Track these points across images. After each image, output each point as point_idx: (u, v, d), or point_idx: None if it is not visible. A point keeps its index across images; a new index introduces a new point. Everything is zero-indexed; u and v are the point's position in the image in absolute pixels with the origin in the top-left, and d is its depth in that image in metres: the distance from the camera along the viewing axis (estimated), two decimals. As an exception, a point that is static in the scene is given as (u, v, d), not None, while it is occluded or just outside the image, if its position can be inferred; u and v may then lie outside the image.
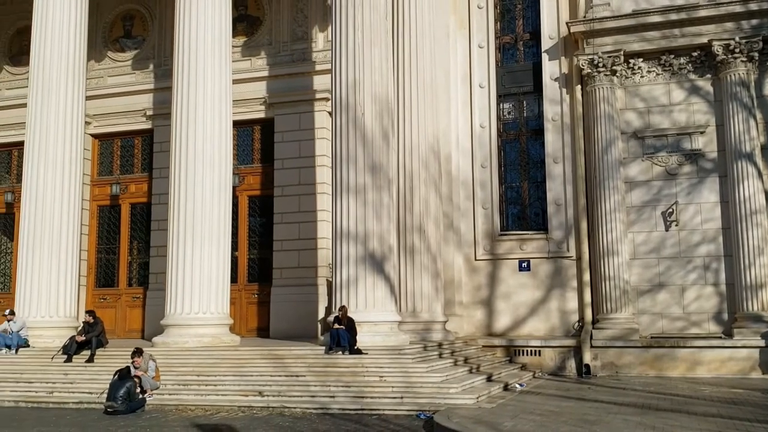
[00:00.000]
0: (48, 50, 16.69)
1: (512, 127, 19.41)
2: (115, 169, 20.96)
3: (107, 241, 20.78)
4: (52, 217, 16.26)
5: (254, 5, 20.06)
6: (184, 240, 15.31)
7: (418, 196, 16.77)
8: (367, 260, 14.38)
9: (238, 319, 17.73)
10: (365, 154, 14.68)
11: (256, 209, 19.61)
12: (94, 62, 20.42)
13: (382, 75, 15.11)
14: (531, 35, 19.50)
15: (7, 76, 21.82)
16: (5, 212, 21.41)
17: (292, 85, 19.17)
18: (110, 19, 21.12)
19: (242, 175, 19.38)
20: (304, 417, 11.59)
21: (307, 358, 13.96)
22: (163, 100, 19.11)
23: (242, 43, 19.71)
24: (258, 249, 19.41)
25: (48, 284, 16.06)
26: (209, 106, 15.70)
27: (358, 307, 14.23)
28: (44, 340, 15.75)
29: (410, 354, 13.82)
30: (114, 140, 20.95)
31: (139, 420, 11.53)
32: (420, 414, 11.38)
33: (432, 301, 16.69)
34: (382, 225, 14.65)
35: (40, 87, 16.61)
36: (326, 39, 18.96)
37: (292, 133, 19.02)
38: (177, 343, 14.88)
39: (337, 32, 15.22)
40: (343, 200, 14.67)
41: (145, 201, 20.29)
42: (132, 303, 19.98)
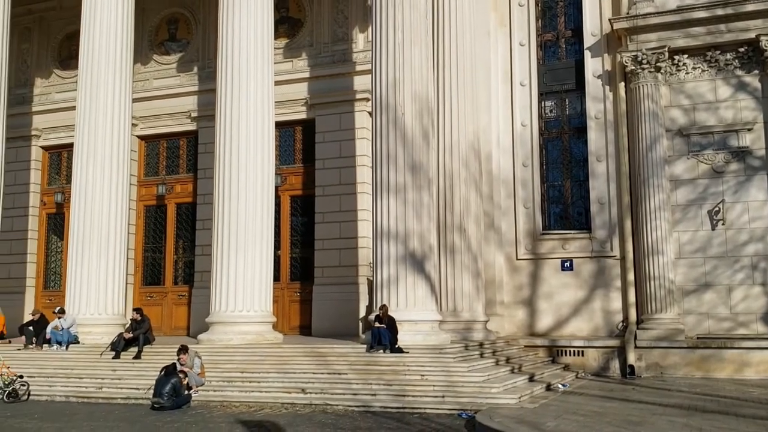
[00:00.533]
0: (96, 54, 17.11)
1: (554, 125, 19.26)
2: (161, 169, 21.40)
3: (153, 240, 21.24)
4: (100, 216, 16.68)
5: (295, 7, 20.27)
6: (228, 239, 15.56)
7: (458, 195, 16.76)
8: (407, 259, 14.43)
9: (280, 317, 17.93)
10: (405, 153, 14.73)
11: (298, 209, 19.83)
12: (140, 65, 20.87)
13: (422, 74, 15.15)
14: (573, 32, 19.32)
15: (57, 80, 22.44)
16: (56, 212, 22.03)
17: (333, 85, 19.33)
18: (155, 22, 21.57)
19: (284, 176, 19.60)
20: (347, 414, 11.69)
21: (349, 356, 14.08)
22: (207, 102, 19.43)
23: (284, 45, 19.94)
24: (300, 248, 19.63)
25: (97, 282, 16.48)
26: (252, 108, 15.92)
27: (399, 306, 14.29)
28: (93, 337, 16.17)
29: (451, 353, 13.83)
30: (160, 141, 21.40)
31: (184, 416, 11.76)
32: (461, 413, 11.38)
33: (473, 300, 16.66)
34: (422, 224, 14.68)
35: (89, 90, 17.04)
36: (366, 39, 19.07)
37: (332, 134, 19.17)
38: (221, 340, 15.14)
39: (377, 32, 15.30)
40: (384, 200, 14.74)
41: (190, 201, 20.68)
42: (178, 301, 20.40)
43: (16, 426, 10.97)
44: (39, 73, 22.66)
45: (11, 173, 20.57)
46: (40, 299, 21.57)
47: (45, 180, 22.42)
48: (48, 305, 19.92)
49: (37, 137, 22.10)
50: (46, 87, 22.53)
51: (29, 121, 22.07)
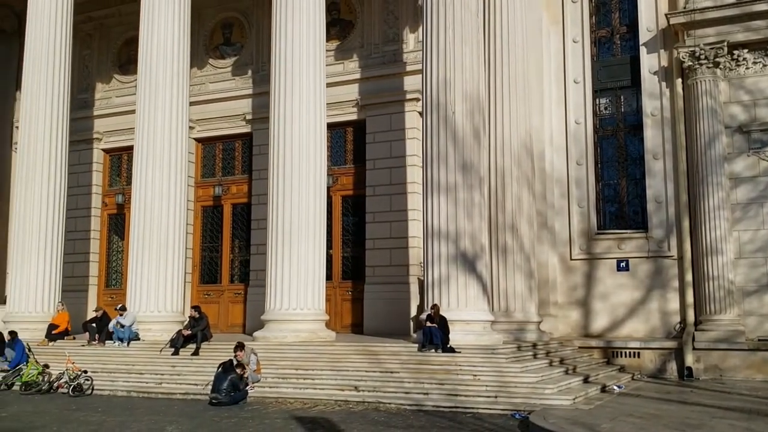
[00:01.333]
0: (154, 59, 17.59)
1: (609, 123, 18.97)
2: (217, 171, 21.87)
3: (210, 239, 21.72)
4: (159, 217, 17.16)
5: (346, 9, 20.46)
6: (282, 239, 15.82)
7: (510, 194, 16.67)
8: (458, 259, 14.42)
9: (333, 316, 18.14)
10: (456, 152, 14.73)
11: (349, 208, 20.01)
12: (197, 69, 21.36)
13: (473, 73, 15.11)
14: (628, 28, 18.99)
15: (117, 85, 23.14)
16: (116, 213, 22.72)
17: (383, 86, 19.44)
18: (210, 27, 22.04)
19: (336, 176, 19.80)
20: (399, 413, 11.77)
21: (401, 355, 14.16)
22: (261, 105, 19.78)
23: (335, 47, 20.14)
24: (351, 247, 19.81)
25: (156, 281, 16.96)
26: (305, 110, 16.15)
27: (450, 305, 14.29)
28: (153, 334, 16.65)
29: (504, 353, 13.78)
30: (216, 144, 21.87)
31: (241, 411, 12.01)
32: (515, 414, 11.34)
33: (525, 300, 16.55)
34: (473, 224, 14.65)
35: (147, 94, 17.53)
36: (417, 39, 19.12)
37: (383, 134, 19.29)
38: (276, 337, 15.41)
39: (428, 31, 15.33)
40: (434, 199, 14.77)
41: (246, 201, 21.07)
42: (234, 299, 20.82)
43: (81, 419, 11.38)
44: (100, 78, 23.41)
45: (74, 175, 21.28)
46: (102, 297, 22.29)
47: (106, 182, 23.14)
48: (109, 303, 20.60)
49: (98, 140, 22.84)
50: (106, 91, 23.25)
51: (91, 124, 22.82)
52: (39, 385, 14.62)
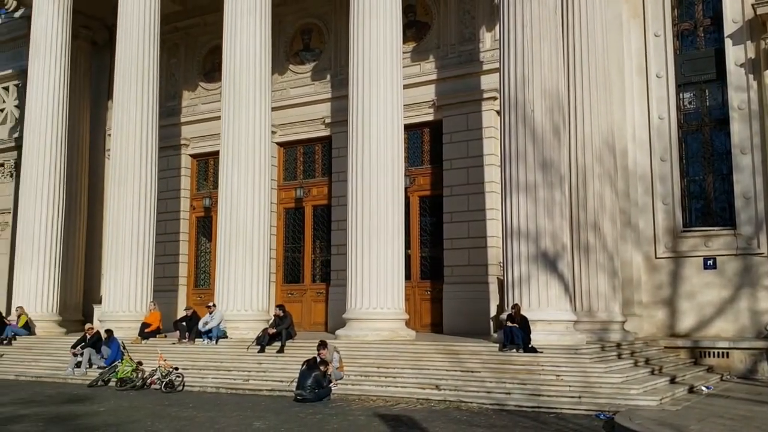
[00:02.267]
0: (237, 66, 18.18)
1: (693, 118, 18.41)
2: (298, 174, 22.41)
3: (293, 240, 22.28)
4: (245, 219, 17.72)
5: (422, 11, 20.60)
6: (361, 239, 16.10)
7: (591, 192, 16.42)
8: (539, 258, 14.33)
9: (412, 315, 18.29)
10: (535, 151, 14.63)
11: (426, 209, 20.14)
12: (278, 75, 21.93)
13: (551, 70, 14.98)
14: (711, 20, 18.37)
15: (202, 92, 24.01)
16: (204, 216, 23.58)
17: (460, 86, 19.48)
18: (291, 34, 22.60)
19: (413, 177, 19.95)
20: (481, 412, 11.80)
21: (482, 354, 14.19)
22: (339, 108, 20.15)
23: (411, 49, 20.30)
24: (429, 247, 19.92)
25: (242, 281, 17.53)
26: (382, 113, 16.38)
27: (531, 305, 14.22)
28: (240, 332, 17.21)
29: (587, 354, 13.61)
30: (297, 147, 22.41)
31: (325, 408, 12.29)
32: (599, 414, 11.21)
33: (609, 300, 16.28)
34: (554, 222, 14.52)
35: (232, 101, 18.14)
36: (493, 38, 19.07)
37: (459, 134, 19.33)
38: (358, 336, 15.70)
39: (505, 30, 15.28)
40: (513, 198, 14.71)
41: (326, 203, 21.52)
42: (316, 298, 21.29)
43: (173, 414, 11.85)
44: (186, 86, 24.34)
45: (164, 180, 22.22)
46: (191, 297, 23.19)
47: (194, 186, 24.05)
48: (198, 303, 21.41)
49: (186, 146, 23.76)
50: (192, 99, 24.16)
51: (179, 131, 23.77)
52: (133, 381, 15.23)
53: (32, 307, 20.66)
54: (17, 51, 26.83)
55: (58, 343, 19.26)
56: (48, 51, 21.50)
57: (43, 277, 20.87)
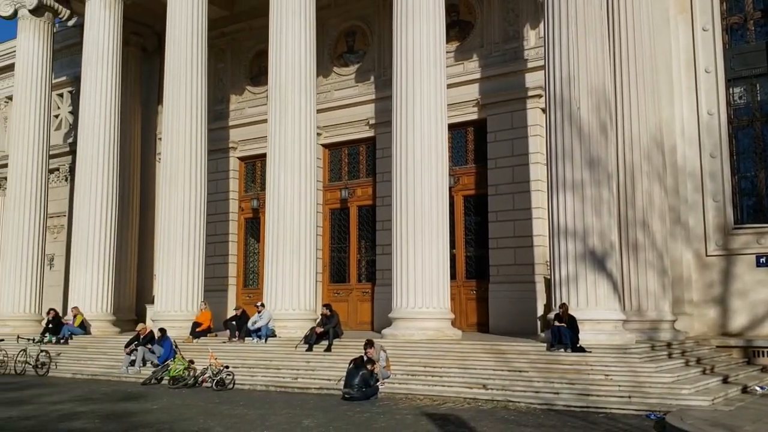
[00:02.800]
0: (283, 70, 18.42)
1: (744, 113, 17.99)
2: (343, 175, 22.62)
3: (338, 240, 22.50)
4: (292, 220, 17.97)
5: (465, 10, 20.58)
6: (406, 239, 16.19)
7: (640, 189, 16.21)
8: (587, 257, 14.21)
9: (458, 314, 18.29)
10: (582, 148, 14.52)
11: (471, 208, 20.11)
12: (322, 78, 22.16)
13: (597, 67, 14.84)
14: (762, 13, 17.91)
15: (249, 96, 24.40)
16: (252, 217, 23.97)
17: (504, 84, 19.41)
18: (335, 36, 22.83)
19: (457, 176, 19.95)
20: (529, 412, 11.78)
21: (529, 354, 14.14)
22: (383, 109, 20.28)
23: (454, 48, 20.30)
24: (474, 247, 19.90)
25: (290, 280, 17.77)
26: (426, 113, 16.43)
27: (579, 304, 14.12)
28: (288, 331, 17.46)
29: (637, 353, 13.47)
30: (342, 148, 22.62)
31: (373, 407, 12.41)
32: (650, 414, 11.09)
33: (658, 299, 16.06)
34: (602, 221, 14.39)
35: (278, 104, 18.40)
36: (538, 36, 18.96)
37: (504, 132, 19.26)
38: (404, 335, 15.79)
39: (550, 27, 15.20)
40: (560, 196, 14.62)
41: (370, 203, 21.68)
42: (362, 297, 21.46)
43: (224, 412, 12.10)
44: (233, 90, 24.76)
45: (213, 182, 22.65)
46: (240, 296, 23.60)
47: (242, 187, 24.47)
48: (247, 302, 21.78)
49: (234, 149, 24.19)
50: (240, 103, 24.57)
51: (227, 134, 24.20)
52: (185, 379, 15.58)
53: (87, 307, 21.27)
54: (71, 58, 27.66)
55: (113, 342, 19.83)
56: (100, 58, 22.12)
57: (98, 277, 21.47)
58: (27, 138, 23.66)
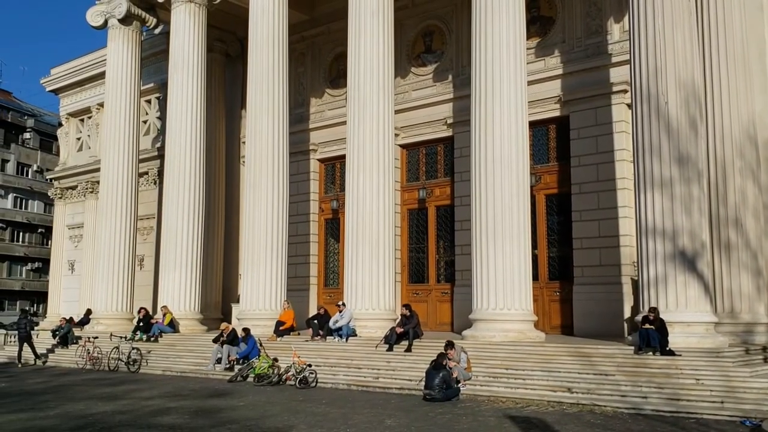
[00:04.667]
0: (361, 72, 18.55)
1: None
2: (420, 175, 22.59)
3: (416, 240, 22.48)
4: (371, 220, 18.06)
5: (546, 6, 20.19)
6: (486, 239, 15.99)
7: (732, 186, 15.50)
8: (676, 257, 13.70)
9: (540, 316, 17.98)
10: (670, 144, 14.01)
11: (554, 207, 19.71)
12: (400, 79, 22.20)
13: (686, 59, 14.30)
14: None
15: (328, 99, 24.71)
16: (332, 218, 24.26)
17: (587, 80, 18.95)
18: (412, 37, 22.84)
19: (538, 175, 19.59)
20: (615, 416, 11.45)
21: (616, 357, 13.74)
22: (461, 108, 20.13)
23: (535, 45, 19.96)
24: (557, 247, 19.49)
25: (370, 280, 17.88)
26: (506, 111, 16.19)
27: (668, 306, 13.63)
28: (368, 331, 17.57)
29: (730, 357, 12.91)
30: (419, 149, 22.61)
31: (454, 408, 12.34)
32: (745, 421, 10.60)
33: (753, 300, 15.31)
34: (692, 219, 13.84)
35: (357, 106, 18.54)
36: (622, 30, 18.41)
37: (587, 129, 18.79)
38: (484, 337, 15.62)
39: (635, 19, 14.74)
40: (648, 195, 14.14)
41: (449, 203, 21.55)
42: (441, 298, 21.37)
43: (308, 410, 12.28)
44: (313, 94, 25.13)
45: (294, 184, 23.02)
46: (321, 296, 23.92)
47: (322, 189, 24.80)
48: (328, 301, 22.04)
49: (314, 151, 24.55)
50: (319, 106, 24.91)
51: (307, 137, 24.58)
52: (269, 377, 15.89)
53: (176, 306, 22.03)
54: (158, 65, 28.74)
55: (200, 340, 20.46)
56: (186, 64, 22.87)
57: (186, 277, 22.20)
58: (118, 143, 24.68)
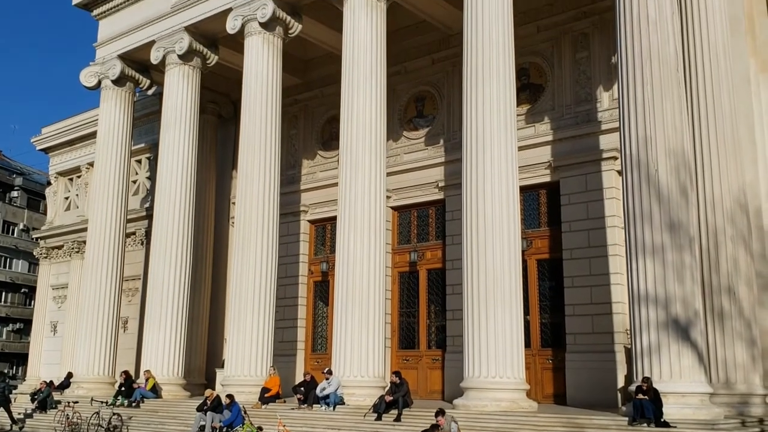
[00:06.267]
0: (354, 135, 18.62)
1: (835, 174, 17.07)
2: (412, 237, 22.49)
3: (407, 305, 22.20)
4: (361, 283, 17.83)
5: (536, 74, 20.52)
6: (477, 304, 15.76)
7: (724, 254, 15.43)
8: (669, 326, 13.52)
9: (533, 385, 17.63)
10: (661, 211, 14.00)
11: (545, 273, 19.59)
12: (392, 142, 22.35)
13: (675, 129, 14.44)
14: None
15: (320, 160, 24.81)
16: (321, 280, 24.01)
17: (577, 146, 19.12)
18: (404, 102, 23.12)
19: (530, 239, 19.53)
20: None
21: (610, 429, 13.44)
22: (453, 172, 20.19)
23: (525, 111, 20.20)
24: (549, 313, 19.28)
25: (359, 346, 17.51)
26: (496, 175, 16.19)
27: (662, 376, 13.38)
28: (356, 398, 17.12)
29: (726, 428, 12.69)
30: (411, 211, 22.59)
31: (445, 481, 11.94)
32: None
33: (748, 371, 15.06)
34: (684, 287, 13.72)
35: (349, 168, 18.54)
36: (611, 98, 18.68)
37: (578, 195, 18.85)
38: (476, 406, 15.22)
39: (624, 89, 14.92)
40: (639, 261, 14.05)
41: (440, 267, 21.39)
42: (432, 365, 20.96)
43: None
44: (305, 155, 25.24)
45: (284, 245, 22.85)
46: (309, 362, 23.44)
47: (312, 251, 24.61)
48: (316, 367, 21.59)
49: (305, 212, 24.48)
50: (311, 167, 24.98)
51: (298, 198, 24.55)
52: (254, 445, 15.48)
53: (159, 370, 21.50)
54: (150, 126, 28.91)
55: (183, 406, 19.89)
56: (178, 125, 22.95)
57: (170, 341, 21.76)
58: (106, 203, 24.49)
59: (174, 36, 23.11)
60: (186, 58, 23.11)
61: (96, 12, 25.76)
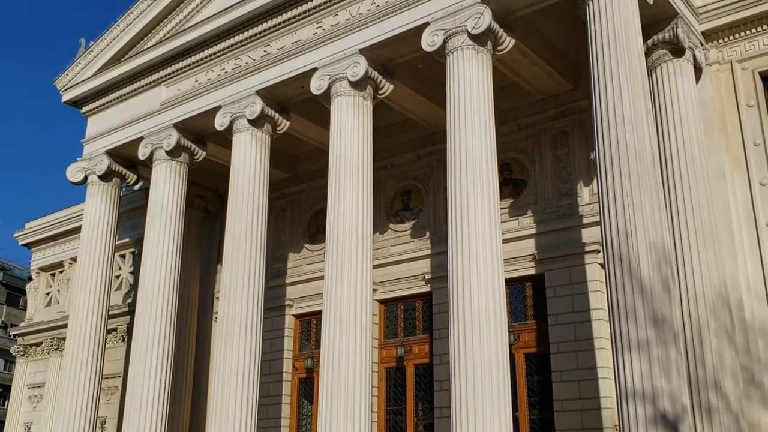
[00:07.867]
0: (340, 229, 18.68)
1: (813, 266, 17.36)
2: (399, 331, 22.32)
3: (394, 402, 21.76)
4: (347, 380, 17.47)
5: (518, 169, 21.03)
6: (465, 402, 15.45)
7: (709, 348, 15.48)
8: (657, 421, 13.32)
9: (524, 484, 17.20)
10: (645, 306, 14.05)
11: (533, 367, 19.43)
12: (378, 234, 22.53)
13: (655, 223, 14.69)
14: (823, 166, 17.79)
15: (306, 253, 24.87)
16: (305, 377, 23.57)
17: (560, 239, 19.37)
18: (390, 195, 23.48)
19: (517, 333, 19.48)
20: None
21: None
22: (439, 264, 20.30)
23: (508, 205, 20.57)
24: (538, 409, 19.01)
25: (346, 447, 17.01)
26: (482, 268, 16.24)
27: (655, 473, 13.12)
28: (342, 504, 16.49)
29: None
30: (397, 304, 22.50)
31: None
32: None
33: (741, 467, 14.84)
34: (671, 382, 13.63)
35: (335, 261, 18.52)
36: (591, 192, 19.11)
37: (562, 288, 18.96)
38: None
39: (604, 185, 15.22)
40: (625, 356, 13.97)
41: (427, 362, 21.14)
42: (422, 467, 20.42)
43: None
44: (291, 248, 25.30)
45: (268, 341, 22.50)
46: (292, 464, 22.71)
47: (296, 346, 24.27)
48: (300, 469, 20.90)
49: (290, 306, 24.31)
50: (297, 260, 25.00)
51: (283, 292, 24.43)
52: None
53: (135, 476, 20.68)
54: (135, 220, 28.94)
55: None
56: (163, 220, 22.93)
57: (150, 440, 21.02)
58: (88, 300, 23.99)
59: (162, 132, 23.37)
60: (174, 154, 23.33)
61: (85, 109, 26.13)
